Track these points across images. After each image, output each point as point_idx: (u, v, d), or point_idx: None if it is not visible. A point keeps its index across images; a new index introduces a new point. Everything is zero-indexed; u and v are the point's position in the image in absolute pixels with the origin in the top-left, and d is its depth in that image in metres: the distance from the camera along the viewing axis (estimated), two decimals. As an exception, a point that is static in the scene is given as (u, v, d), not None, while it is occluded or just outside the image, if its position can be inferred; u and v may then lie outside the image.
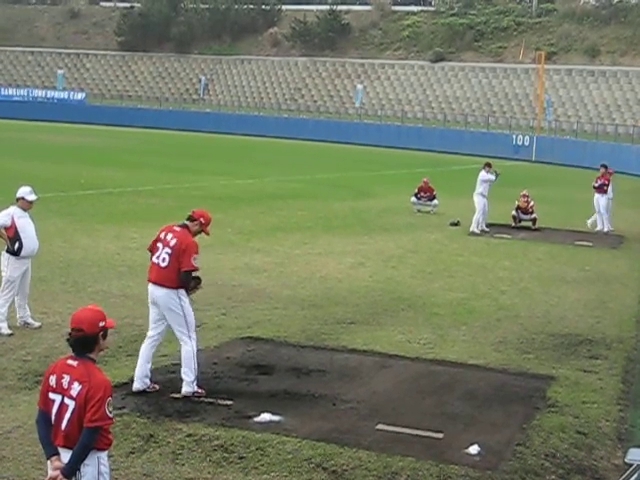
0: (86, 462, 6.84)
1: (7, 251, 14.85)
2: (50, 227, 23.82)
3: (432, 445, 10.51)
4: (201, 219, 12.21)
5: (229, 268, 20.94)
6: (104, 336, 7.03)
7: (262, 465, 9.81)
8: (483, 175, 29.81)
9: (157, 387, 12.03)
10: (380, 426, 11.03)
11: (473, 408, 11.90)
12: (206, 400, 11.63)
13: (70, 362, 6.95)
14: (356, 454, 10.05)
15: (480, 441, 10.54)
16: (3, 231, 14.76)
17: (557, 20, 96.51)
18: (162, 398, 11.66)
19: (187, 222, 12.15)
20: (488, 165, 30.36)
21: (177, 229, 12.03)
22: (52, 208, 27.56)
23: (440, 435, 10.84)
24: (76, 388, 6.82)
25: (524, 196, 31.31)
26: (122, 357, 13.66)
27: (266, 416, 11.08)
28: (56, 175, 38.83)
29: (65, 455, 6.86)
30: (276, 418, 11.07)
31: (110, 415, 6.89)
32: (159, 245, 11.91)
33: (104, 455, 7.01)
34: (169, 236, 11.90)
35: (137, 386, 11.92)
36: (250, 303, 17.47)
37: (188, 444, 10.24)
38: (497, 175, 30.14)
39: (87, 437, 6.79)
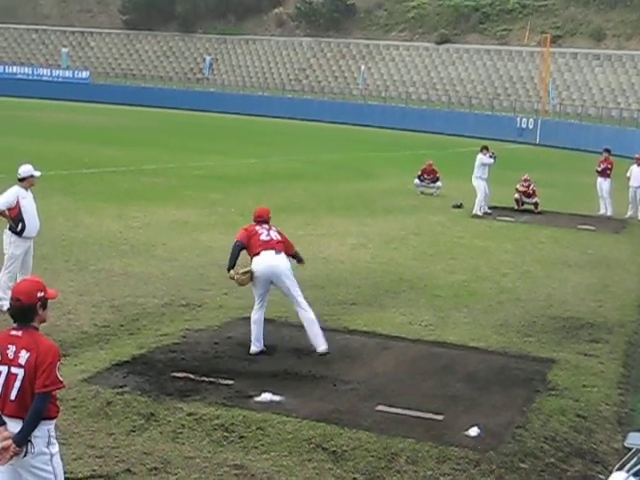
0: (35, 433, 6.87)
1: (10, 229, 14.85)
2: (53, 205, 23.85)
3: (432, 427, 10.52)
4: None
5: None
6: (43, 306, 7.08)
7: (262, 445, 9.84)
8: (482, 159, 29.80)
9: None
10: (380, 407, 11.05)
11: (473, 390, 11.92)
12: (207, 379, 11.66)
13: (14, 333, 6.99)
14: (356, 435, 10.08)
15: (480, 423, 10.56)
16: (6, 211, 14.74)
17: (563, 3, 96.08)
18: (163, 377, 11.68)
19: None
20: (485, 148, 30.34)
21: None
22: (55, 186, 27.56)
23: (440, 417, 10.86)
24: (24, 356, 6.86)
25: (525, 180, 31.27)
26: (124, 336, 13.69)
27: (267, 396, 11.10)
28: (59, 153, 38.83)
29: (16, 425, 6.87)
30: (277, 398, 11.10)
31: (61, 379, 6.96)
32: (262, 231, 13.38)
33: (53, 425, 7.06)
34: (267, 226, 13.55)
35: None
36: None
37: (189, 423, 10.27)
38: (495, 158, 30.15)
39: (39, 403, 6.83)
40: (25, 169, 14.93)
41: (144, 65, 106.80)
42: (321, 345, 13.02)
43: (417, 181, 33.98)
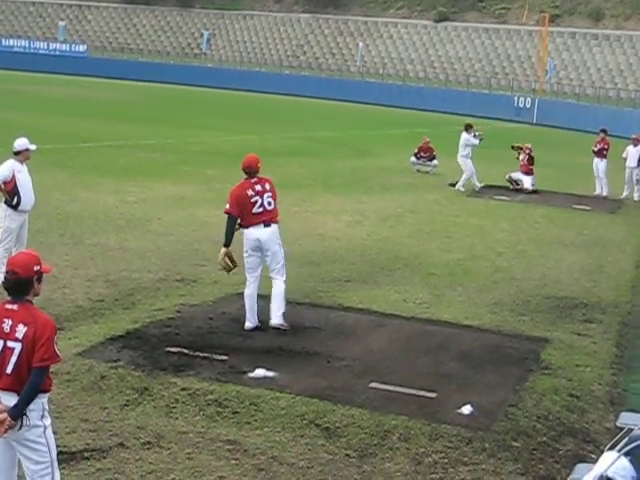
0: (30, 407, 6.90)
1: (5, 203, 14.83)
2: (49, 179, 23.79)
3: (425, 404, 10.55)
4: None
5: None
6: (39, 280, 7.08)
7: (255, 420, 9.87)
8: (467, 138, 29.63)
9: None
10: (374, 384, 11.07)
11: (467, 368, 11.95)
12: (201, 355, 11.68)
13: (9, 306, 6.99)
14: (349, 411, 10.10)
15: (473, 401, 10.59)
16: (2, 185, 14.71)
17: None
18: (157, 352, 11.69)
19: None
20: (470, 126, 30.16)
21: (261, 178, 13.60)
22: (51, 160, 27.50)
23: (433, 395, 10.88)
24: (21, 330, 6.87)
25: (527, 148, 31.18)
26: (118, 310, 13.70)
27: (260, 372, 11.12)
28: (56, 127, 38.74)
29: (10, 399, 6.89)
30: (270, 374, 11.12)
31: (59, 353, 7.00)
32: (256, 199, 13.20)
33: (46, 398, 7.10)
34: (259, 186, 13.43)
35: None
36: (247, 259, 17.44)
37: (182, 398, 10.29)
38: (481, 139, 30.04)
39: (37, 376, 6.86)
40: (21, 142, 14.88)
41: (142, 39, 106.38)
42: (279, 318, 13.01)
43: (413, 159, 33.92)
